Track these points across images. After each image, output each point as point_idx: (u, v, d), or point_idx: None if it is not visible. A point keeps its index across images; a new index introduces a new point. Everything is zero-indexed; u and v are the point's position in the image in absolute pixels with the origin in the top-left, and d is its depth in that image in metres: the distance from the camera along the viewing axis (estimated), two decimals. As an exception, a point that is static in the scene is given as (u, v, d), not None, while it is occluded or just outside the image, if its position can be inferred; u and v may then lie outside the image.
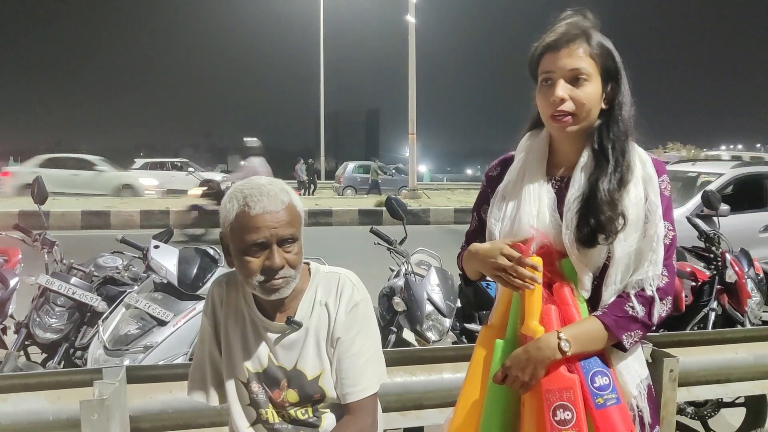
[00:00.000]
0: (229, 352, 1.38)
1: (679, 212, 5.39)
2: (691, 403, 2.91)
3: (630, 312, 1.23)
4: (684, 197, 6.16)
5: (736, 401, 2.96)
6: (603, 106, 1.28)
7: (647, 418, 1.29)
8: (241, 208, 1.23)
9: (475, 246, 1.35)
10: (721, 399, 2.90)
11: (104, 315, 2.55)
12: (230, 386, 1.38)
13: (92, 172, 17.38)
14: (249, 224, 1.23)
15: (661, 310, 1.25)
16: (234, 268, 1.33)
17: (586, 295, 1.28)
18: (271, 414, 1.37)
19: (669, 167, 7.78)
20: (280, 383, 1.36)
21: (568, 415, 1.16)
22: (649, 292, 1.24)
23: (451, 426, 1.37)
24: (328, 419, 1.37)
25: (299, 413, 1.37)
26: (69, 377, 1.87)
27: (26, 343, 2.72)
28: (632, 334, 1.24)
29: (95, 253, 3.08)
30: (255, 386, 1.36)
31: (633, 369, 1.29)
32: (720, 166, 6.51)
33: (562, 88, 1.24)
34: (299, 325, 1.34)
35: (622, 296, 1.26)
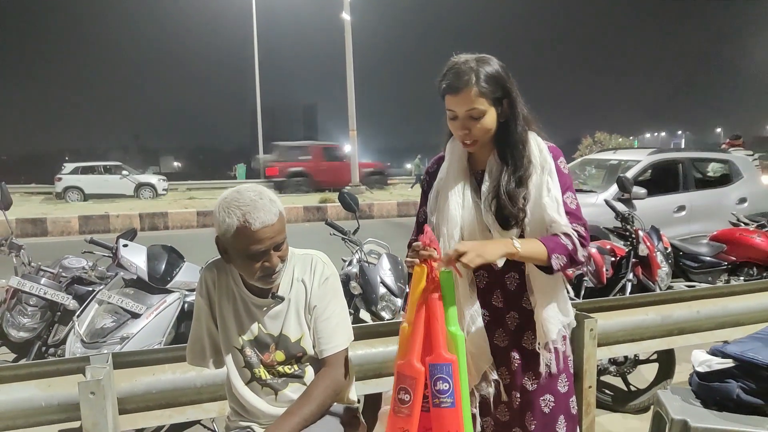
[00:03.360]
0: (225, 326, 1.61)
1: (602, 197, 5.88)
2: (613, 362, 3.30)
3: (561, 240, 1.53)
4: (608, 183, 6.58)
5: (650, 358, 3.37)
6: (500, 120, 1.57)
7: (561, 353, 1.65)
8: (242, 223, 1.40)
9: None
10: (638, 356, 3.31)
11: (77, 312, 2.65)
12: (227, 354, 1.62)
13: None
14: (251, 237, 1.42)
15: (584, 252, 1.56)
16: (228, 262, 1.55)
17: (501, 262, 1.55)
18: (263, 372, 1.62)
19: (593, 156, 8.34)
20: (269, 347, 1.61)
21: (407, 397, 1.42)
22: (570, 233, 1.53)
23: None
24: (310, 371, 1.65)
25: (286, 369, 1.63)
26: (57, 366, 1.99)
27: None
28: (559, 257, 1.52)
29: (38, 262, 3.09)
30: (248, 351, 1.61)
31: (556, 318, 1.63)
32: (638, 154, 6.94)
33: (464, 125, 1.55)
34: (282, 299, 1.59)
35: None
